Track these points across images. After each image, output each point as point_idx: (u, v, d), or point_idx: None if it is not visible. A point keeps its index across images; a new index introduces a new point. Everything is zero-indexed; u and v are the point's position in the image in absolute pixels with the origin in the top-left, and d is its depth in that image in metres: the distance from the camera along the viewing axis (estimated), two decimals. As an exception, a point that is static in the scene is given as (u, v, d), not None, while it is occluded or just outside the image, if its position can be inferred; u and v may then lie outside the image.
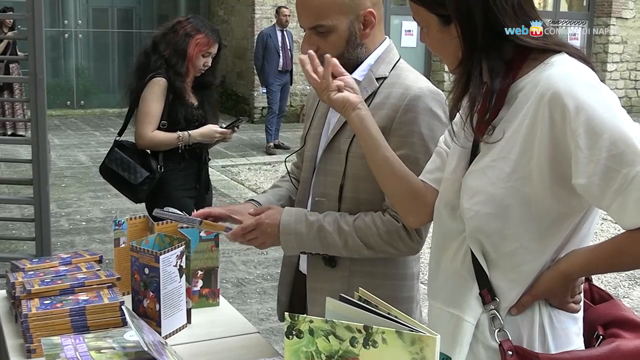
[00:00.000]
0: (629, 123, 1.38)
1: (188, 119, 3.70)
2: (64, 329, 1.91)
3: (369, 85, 2.01)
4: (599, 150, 1.36)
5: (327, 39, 1.95)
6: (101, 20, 15.35)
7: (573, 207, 1.47)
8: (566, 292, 1.53)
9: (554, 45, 1.49)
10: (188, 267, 2.16)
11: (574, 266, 1.49)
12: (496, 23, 1.47)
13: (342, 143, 2.00)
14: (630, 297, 5.05)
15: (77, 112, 14.51)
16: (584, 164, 1.37)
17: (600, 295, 1.69)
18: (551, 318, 1.54)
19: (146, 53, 3.72)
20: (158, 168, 3.68)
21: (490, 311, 1.53)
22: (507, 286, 1.53)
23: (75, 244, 5.96)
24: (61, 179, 8.42)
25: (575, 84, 1.40)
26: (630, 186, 1.34)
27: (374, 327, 1.20)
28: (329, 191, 2.03)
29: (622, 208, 1.37)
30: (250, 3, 13.24)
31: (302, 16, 1.96)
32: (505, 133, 1.49)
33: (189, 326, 2.17)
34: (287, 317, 1.26)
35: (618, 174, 1.35)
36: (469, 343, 1.55)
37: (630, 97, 16.01)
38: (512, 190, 1.47)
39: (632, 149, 1.35)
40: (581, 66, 1.46)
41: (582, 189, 1.40)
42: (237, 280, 5.21)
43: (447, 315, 1.61)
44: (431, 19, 1.56)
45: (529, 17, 1.50)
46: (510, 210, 1.48)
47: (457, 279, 1.60)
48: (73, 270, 2.15)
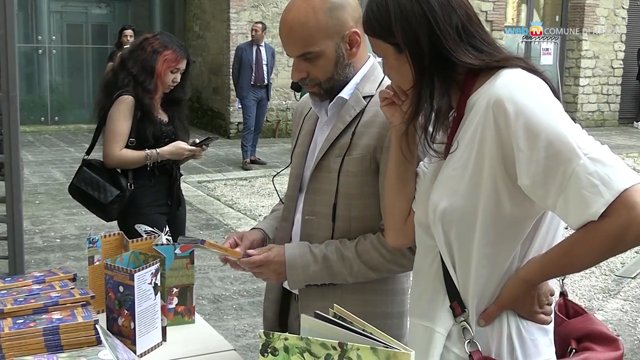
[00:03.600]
0: (565, 124, 1.42)
1: (157, 136, 3.68)
2: (37, 348, 1.89)
3: (356, 103, 2.02)
4: (537, 150, 1.41)
5: (316, 64, 1.96)
6: (75, 36, 15.30)
7: (527, 210, 1.50)
8: (530, 301, 1.55)
9: (495, 62, 1.55)
10: (163, 284, 2.15)
11: (532, 272, 1.52)
12: (441, 46, 1.54)
13: (332, 162, 2.01)
14: (605, 309, 5.09)
15: (51, 128, 14.41)
16: (525, 165, 1.42)
17: (574, 310, 1.72)
18: (519, 329, 1.57)
19: (114, 70, 3.71)
20: (128, 186, 3.65)
21: (461, 323, 1.56)
22: (475, 296, 1.55)
23: (50, 262, 5.89)
24: (35, 195, 8.34)
25: (515, 89, 1.46)
26: (569, 184, 1.38)
27: (349, 344, 1.21)
28: (320, 210, 2.03)
29: (564, 207, 1.41)
30: (226, 19, 13.26)
31: (289, 45, 1.97)
32: (460, 143, 1.55)
33: (164, 344, 2.15)
34: (261, 334, 1.26)
35: (557, 172, 1.39)
36: (440, 354, 1.58)
37: (602, 111, 16.21)
38: (470, 196, 1.52)
39: (567, 147, 1.39)
40: (525, 75, 1.51)
41: (527, 189, 1.45)
42: (214, 296, 5.19)
43: (422, 328, 1.65)
44: (387, 49, 1.62)
45: (474, 36, 1.57)
46: (469, 217, 1.52)
47: (430, 292, 1.64)
48: (46, 289, 2.12)
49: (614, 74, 16.26)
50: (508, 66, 1.54)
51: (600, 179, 1.36)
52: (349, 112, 2.02)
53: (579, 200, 1.38)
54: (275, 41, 12.85)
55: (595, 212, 1.36)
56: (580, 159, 1.38)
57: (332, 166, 2.01)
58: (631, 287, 5.59)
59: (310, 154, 2.12)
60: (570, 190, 1.38)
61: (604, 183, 1.36)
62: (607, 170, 1.37)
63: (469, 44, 1.56)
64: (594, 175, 1.36)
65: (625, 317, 4.93)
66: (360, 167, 1.98)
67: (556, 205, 1.42)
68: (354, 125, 2.01)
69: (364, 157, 1.97)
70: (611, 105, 16.36)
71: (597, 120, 15.99)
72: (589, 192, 1.36)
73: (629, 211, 1.34)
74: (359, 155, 1.98)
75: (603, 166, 1.37)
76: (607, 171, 1.37)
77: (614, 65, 16.23)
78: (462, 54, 1.54)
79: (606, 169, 1.37)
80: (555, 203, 1.42)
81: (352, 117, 2.01)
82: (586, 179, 1.37)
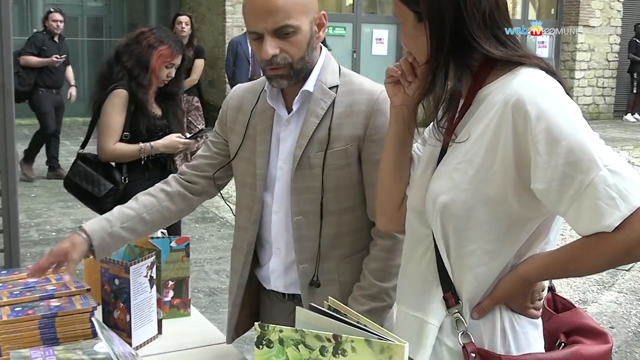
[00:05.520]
0: (587, 132, 1.41)
1: (150, 130, 3.68)
2: (33, 341, 1.90)
3: (324, 95, 1.97)
4: (557, 156, 1.39)
5: (291, 40, 1.87)
6: (71, 29, 15.21)
7: (534, 211, 1.50)
8: (525, 296, 1.56)
9: (517, 57, 1.52)
10: (159, 277, 2.15)
11: (532, 271, 1.53)
12: (464, 28, 1.51)
13: (313, 158, 1.96)
14: (599, 301, 5.11)
15: (46, 121, 14.34)
16: (542, 169, 1.41)
17: (562, 304, 1.73)
18: (512, 322, 1.57)
19: (109, 63, 3.70)
20: (122, 179, 3.65)
21: (454, 314, 1.56)
22: (469, 289, 1.55)
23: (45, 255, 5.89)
24: (30, 189, 8.33)
25: (538, 92, 1.44)
26: (585, 193, 1.38)
27: (344, 336, 1.21)
28: (308, 208, 1.98)
29: (577, 214, 1.40)
30: (221, 12, 13.23)
31: (267, 17, 1.84)
32: (471, 135, 1.52)
33: (160, 337, 2.16)
34: (257, 326, 1.26)
35: (574, 180, 1.38)
36: (432, 345, 1.58)
37: (597, 104, 16.24)
38: (475, 192, 1.50)
39: (588, 157, 1.38)
40: (546, 77, 1.49)
41: (540, 193, 1.44)
42: (210, 289, 5.19)
43: (412, 318, 1.64)
44: (408, 15, 1.58)
45: (498, 27, 1.54)
46: (472, 212, 1.51)
47: (422, 282, 1.63)
48: (42, 282, 2.13)
49: (609, 67, 16.28)
50: (527, 64, 1.52)
51: (619, 192, 1.36)
52: (319, 105, 1.96)
53: (594, 210, 1.38)
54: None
55: (611, 224, 1.37)
56: (600, 170, 1.37)
57: (313, 162, 1.96)
58: (625, 279, 5.62)
59: (274, 152, 2.03)
60: (586, 199, 1.38)
61: (622, 197, 1.36)
62: (625, 184, 1.36)
63: (492, 33, 1.53)
64: (612, 188, 1.36)
65: (620, 309, 4.96)
66: (345, 159, 1.95)
67: (567, 212, 1.42)
68: (329, 118, 1.95)
69: (348, 148, 1.95)
70: (606, 98, 16.38)
71: (592, 113, 16.01)
72: (605, 204, 1.36)
73: None
74: (342, 147, 1.94)
75: (622, 179, 1.37)
76: (625, 185, 1.36)
77: (609, 59, 16.24)
78: (484, 41, 1.51)
79: (625, 182, 1.37)
80: (567, 210, 1.41)
81: (324, 110, 1.96)
82: (604, 190, 1.36)
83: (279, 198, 2.02)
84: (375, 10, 15.06)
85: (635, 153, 10.94)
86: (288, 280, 2.07)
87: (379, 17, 14.70)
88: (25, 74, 8.40)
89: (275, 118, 2.04)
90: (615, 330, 4.54)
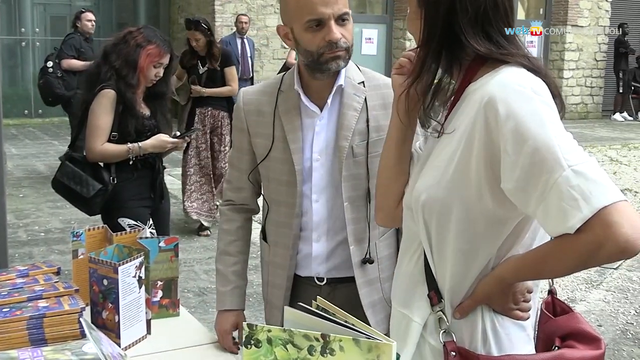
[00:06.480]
0: (555, 132, 1.40)
1: (139, 130, 3.66)
2: (21, 342, 1.89)
3: (356, 90, 2.12)
4: (523, 156, 1.39)
5: (347, 27, 2.03)
6: (59, 28, 15.18)
7: (510, 211, 1.49)
8: (505, 297, 1.56)
9: (500, 55, 1.53)
10: (147, 277, 2.15)
11: (507, 271, 1.53)
12: (455, 21, 1.52)
13: (356, 147, 2.10)
14: (588, 300, 5.14)
15: (35, 121, 14.32)
16: (510, 168, 1.41)
17: (561, 308, 1.70)
18: (494, 323, 1.57)
19: (97, 63, 3.69)
20: (110, 180, 3.63)
21: (437, 312, 1.57)
22: (450, 288, 1.56)
23: (34, 255, 5.87)
24: (19, 189, 8.30)
25: (510, 91, 1.44)
26: (550, 193, 1.37)
27: (332, 335, 1.22)
28: (356, 194, 2.12)
29: (544, 215, 1.39)
30: (211, 11, 13.22)
31: (334, 4, 1.98)
32: (456, 130, 1.53)
33: (148, 337, 2.16)
34: (245, 326, 1.27)
35: (539, 180, 1.38)
36: (416, 343, 1.60)
37: (586, 103, 16.32)
38: (453, 190, 1.51)
39: (553, 157, 1.36)
40: (525, 76, 1.49)
41: (509, 193, 1.44)
42: (199, 289, 5.19)
43: (400, 315, 1.66)
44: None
45: (492, 25, 1.54)
46: (450, 211, 1.52)
47: (411, 280, 1.64)
48: (30, 283, 2.12)
49: (598, 67, 16.37)
50: (511, 62, 1.52)
51: (581, 193, 1.34)
52: (354, 99, 2.11)
53: (558, 211, 1.36)
54: (260, 34, 12.84)
55: (572, 226, 1.35)
56: (564, 170, 1.35)
57: (357, 151, 2.10)
58: (613, 277, 5.64)
59: (307, 147, 2.13)
60: (552, 200, 1.37)
61: (584, 198, 1.33)
62: (589, 185, 1.34)
63: (483, 30, 1.53)
64: (575, 189, 1.34)
65: (608, 308, 4.98)
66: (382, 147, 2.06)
67: (536, 213, 1.41)
68: (365, 111, 2.11)
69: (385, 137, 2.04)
70: (594, 97, 16.47)
71: (580, 113, 16.08)
72: (568, 205, 1.34)
73: (605, 229, 1.32)
74: (380, 137, 2.04)
75: (585, 180, 1.34)
76: (589, 186, 1.34)
77: (598, 58, 16.33)
78: (472, 37, 1.52)
79: (588, 183, 1.34)
80: (535, 210, 1.41)
81: (360, 104, 2.11)
82: (567, 191, 1.35)
83: (318, 188, 2.14)
84: (364, 9, 15.08)
85: (623, 152, 11.00)
86: (330, 264, 2.17)
87: (368, 16, 14.72)
88: (69, 78, 8.23)
89: (304, 115, 2.14)
90: (604, 329, 4.56)
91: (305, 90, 2.12)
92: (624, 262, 5.99)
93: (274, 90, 2.17)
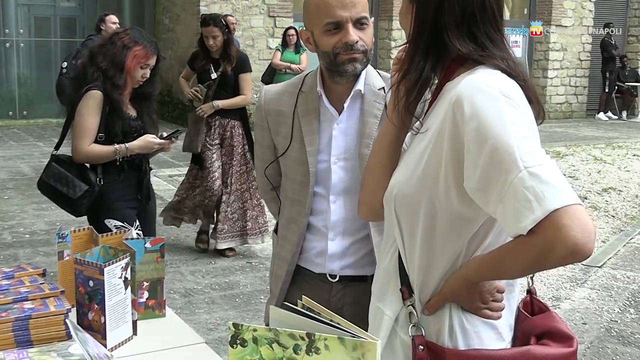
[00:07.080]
0: (516, 133, 1.40)
1: (125, 130, 3.66)
2: (6, 344, 1.89)
3: (376, 97, 2.15)
4: (483, 155, 1.40)
5: (366, 31, 2.07)
6: (43, 29, 15.11)
7: (475, 210, 1.50)
8: (471, 296, 1.57)
9: (477, 56, 1.54)
10: (133, 278, 2.15)
11: (471, 270, 1.54)
12: (441, 19, 1.54)
13: None
14: (572, 298, 5.17)
15: (19, 122, 14.23)
16: (471, 168, 1.43)
17: (539, 307, 1.72)
18: (462, 320, 1.59)
19: (83, 64, 3.68)
20: (97, 181, 3.63)
21: (408, 307, 1.60)
22: (419, 284, 1.59)
23: (19, 257, 5.84)
24: (3, 191, 8.25)
25: (477, 91, 1.46)
26: (508, 194, 1.38)
27: (317, 334, 1.23)
28: None
29: (503, 215, 1.41)
30: (196, 12, 13.18)
31: (352, 8, 2.03)
32: (429, 129, 1.56)
33: (135, 338, 2.16)
34: (230, 326, 1.27)
35: (498, 181, 1.39)
36: (387, 336, 1.62)
37: (570, 102, 16.41)
38: (422, 187, 1.53)
39: (510, 158, 1.38)
40: (495, 78, 1.50)
41: (471, 192, 1.45)
42: (185, 290, 5.18)
43: (375, 308, 1.70)
44: None
45: (478, 27, 1.55)
46: (419, 207, 1.54)
47: (385, 274, 1.68)
48: (16, 285, 2.12)
49: (582, 66, 16.47)
50: (487, 64, 1.53)
51: (535, 194, 1.35)
52: (374, 106, 2.15)
53: (513, 212, 1.37)
54: (245, 34, 12.82)
55: (525, 227, 1.36)
56: (520, 171, 1.36)
57: None
58: (598, 275, 5.68)
59: (325, 150, 2.18)
60: (508, 200, 1.38)
61: (538, 199, 1.34)
62: (543, 187, 1.35)
63: (469, 31, 1.54)
64: (529, 190, 1.35)
65: (592, 306, 5.02)
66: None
67: (496, 212, 1.42)
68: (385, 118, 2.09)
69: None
70: (579, 97, 16.56)
71: (565, 112, 16.17)
72: (522, 206, 1.36)
73: (555, 232, 1.33)
74: None
75: (540, 182, 1.35)
76: (543, 188, 1.35)
77: (582, 58, 16.43)
78: (454, 36, 1.53)
79: (542, 185, 1.35)
80: (495, 210, 1.42)
81: (380, 111, 2.13)
82: (522, 192, 1.36)
83: (336, 190, 2.18)
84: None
85: (607, 151, 11.07)
86: (345, 262, 2.21)
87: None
88: None
89: (322, 117, 2.18)
90: (588, 327, 4.60)
91: (326, 94, 2.17)
92: (609, 260, 6.04)
93: (295, 90, 2.23)
